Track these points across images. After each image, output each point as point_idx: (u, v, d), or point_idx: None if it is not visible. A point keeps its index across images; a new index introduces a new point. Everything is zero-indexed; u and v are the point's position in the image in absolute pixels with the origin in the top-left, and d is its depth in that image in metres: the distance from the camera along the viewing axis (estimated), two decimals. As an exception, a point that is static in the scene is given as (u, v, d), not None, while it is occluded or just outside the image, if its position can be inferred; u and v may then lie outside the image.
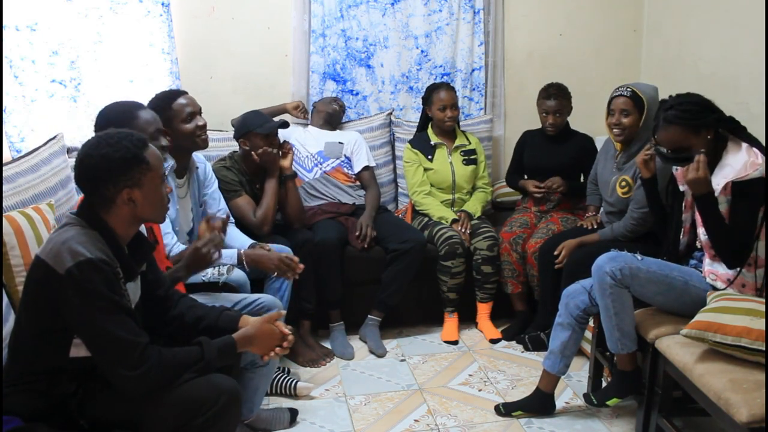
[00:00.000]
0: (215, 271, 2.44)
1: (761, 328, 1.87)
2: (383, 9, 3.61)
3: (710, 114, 2.14)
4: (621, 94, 2.72)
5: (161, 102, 2.42)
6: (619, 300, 2.21)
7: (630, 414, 2.50)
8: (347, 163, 3.37)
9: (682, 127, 2.13)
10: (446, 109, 3.29)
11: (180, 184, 2.50)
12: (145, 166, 1.62)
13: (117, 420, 1.62)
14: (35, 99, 2.95)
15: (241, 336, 1.75)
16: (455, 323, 3.24)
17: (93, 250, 1.54)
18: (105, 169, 1.58)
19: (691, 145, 2.13)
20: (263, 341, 1.79)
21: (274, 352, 1.81)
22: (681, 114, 2.13)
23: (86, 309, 1.52)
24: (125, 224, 1.66)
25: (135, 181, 1.61)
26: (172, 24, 3.26)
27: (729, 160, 2.11)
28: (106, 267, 1.54)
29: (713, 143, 2.15)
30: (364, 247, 3.08)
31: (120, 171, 1.59)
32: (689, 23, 3.46)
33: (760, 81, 2.79)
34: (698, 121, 2.12)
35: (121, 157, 1.59)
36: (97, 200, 1.62)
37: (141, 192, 1.63)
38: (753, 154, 2.06)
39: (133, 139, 1.63)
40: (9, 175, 2.18)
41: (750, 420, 1.72)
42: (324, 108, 3.42)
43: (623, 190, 2.80)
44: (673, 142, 2.16)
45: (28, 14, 2.89)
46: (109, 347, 1.54)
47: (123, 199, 1.61)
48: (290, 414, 2.46)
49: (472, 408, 2.59)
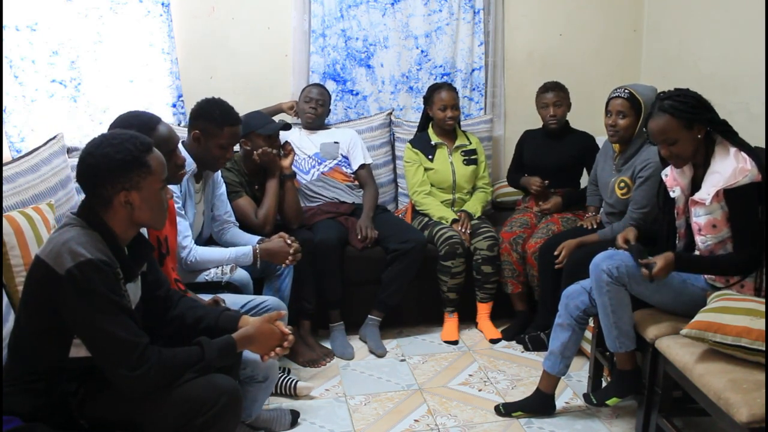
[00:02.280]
0: (218, 271, 2.45)
1: (761, 328, 1.87)
2: (383, 9, 3.61)
3: (706, 113, 2.13)
4: (618, 95, 2.71)
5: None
6: (616, 298, 2.21)
7: (630, 414, 2.50)
8: (345, 162, 3.36)
9: (676, 119, 2.10)
10: (447, 109, 3.29)
11: (197, 189, 2.53)
12: (145, 170, 1.61)
13: (117, 420, 1.62)
14: (35, 99, 2.95)
15: (240, 336, 1.75)
16: (455, 323, 3.23)
17: (93, 250, 1.54)
18: (104, 169, 1.58)
19: (679, 139, 2.11)
20: (263, 341, 1.79)
21: (274, 352, 1.80)
22: (677, 105, 2.11)
23: (86, 309, 1.52)
24: (123, 226, 1.65)
25: (133, 184, 1.60)
26: (172, 24, 3.26)
27: (717, 167, 2.09)
28: (106, 267, 1.54)
29: (702, 145, 2.14)
30: (366, 246, 3.08)
31: (119, 172, 1.58)
32: (689, 23, 3.46)
33: (760, 81, 2.79)
34: (693, 116, 2.10)
35: (121, 159, 1.58)
36: (96, 200, 1.62)
37: (139, 195, 1.62)
38: (742, 160, 2.04)
39: (137, 142, 1.62)
40: (9, 175, 2.18)
41: (750, 420, 1.72)
42: (302, 115, 3.36)
43: (622, 191, 2.80)
44: (664, 132, 2.13)
45: (28, 14, 2.89)
46: (109, 348, 1.53)
47: (120, 201, 1.61)
48: (292, 416, 2.46)
49: (472, 408, 2.59)
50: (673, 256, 2.12)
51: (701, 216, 2.13)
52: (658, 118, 2.14)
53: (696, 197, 2.12)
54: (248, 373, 2.14)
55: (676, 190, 2.25)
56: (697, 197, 2.11)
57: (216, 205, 2.68)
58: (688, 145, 2.12)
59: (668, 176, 2.29)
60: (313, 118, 3.32)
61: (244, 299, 2.32)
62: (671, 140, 2.12)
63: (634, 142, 2.74)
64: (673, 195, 2.26)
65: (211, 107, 2.50)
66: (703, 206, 2.10)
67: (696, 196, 2.12)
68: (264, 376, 2.18)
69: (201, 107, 2.52)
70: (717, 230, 2.11)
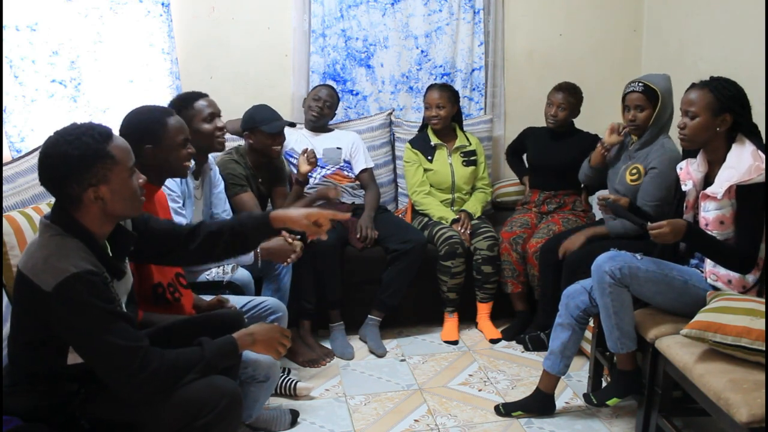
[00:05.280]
0: (219, 270, 2.45)
1: (761, 328, 1.87)
2: (383, 9, 3.61)
3: (740, 108, 2.12)
4: (633, 90, 2.69)
5: (182, 102, 2.43)
6: (618, 299, 2.21)
7: (630, 414, 2.50)
8: (347, 166, 3.36)
9: (711, 96, 2.10)
10: (431, 108, 3.31)
11: (197, 185, 2.52)
12: (109, 161, 1.52)
13: (118, 420, 1.61)
14: (35, 99, 2.95)
15: (241, 335, 1.73)
16: (455, 323, 3.24)
17: (76, 261, 1.48)
18: (65, 168, 1.49)
19: (700, 117, 2.11)
20: (265, 339, 1.76)
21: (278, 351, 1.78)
22: (720, 87, 2.11)
23: (80, 324, 1.48)
24: (98, 223, 1.57)
25: (100, 178, 1.51)
26: (172, 24, 3.26)
27: (732, 162, 2.10)
28: (92, 277, 1.48)
29: (722, 142, 2.14)
30: (366, 246, 3.08)
31: (81, 169, 1.50)
32: (689, 23, 3.46)
33: (760, 81, 2.79)
34: (727, 103, 2.10)
35: (80, 155, 1.49)
36: (65, 201, 1.54)
37: (108, 188, 1.53)
38: (759, 158, 2.05)
39: (95, 134, 1.52)
40: (9, 175, 2.18)
41: (750, 420, 1.72)
42: (307, 112, 3.36)
43: (633, 177, 2.75)
44: (692, 102, 2.13)
45: (28, 14, 2.88)
46: (110, 358, 1.50)
47: (89, 198, 1.52)
48: (291, 416, 2.46)
49: (472, 408, 2.59)
50: (685, 223, 2.11)
51: (710, 211, 2.13)
52: (697, 88, 2.15)
53: (708, 191, 2.13)
54: (249, 372, 2.13)
55: (688, 184, 2.25)
56: (710, 191, 2.12)
57: (214, 203, 2.67)
58: (704, 129, 2.12)
59: (683, 169, 2.29)
60: (318, 118, 3.32)
61: (244, 299, 2.32)
62: (693, 114, 2.13)
63: (651, 131, 2.71)
64: (685, 188, 2.27)
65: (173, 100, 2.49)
66: (714, 201, 2.11)
67: (708, 190, 2.13)
68: (265, 375, 2.17)
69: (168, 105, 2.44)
70: (724, 227, 2.11)
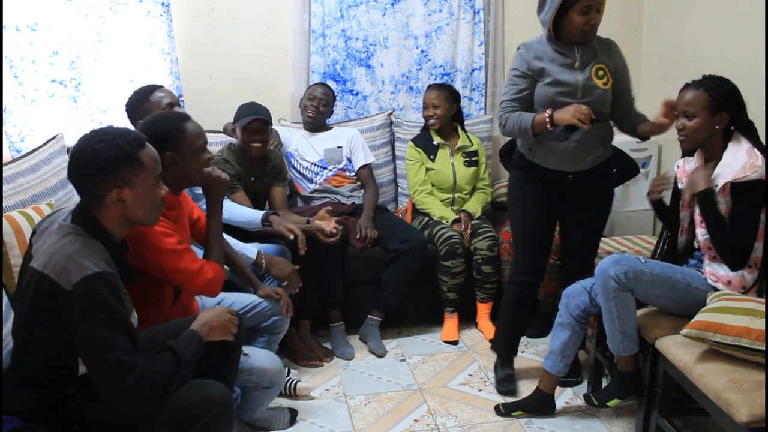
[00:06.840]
0: None
1: (761, 328, 1.87)
2: (383, 9, 3.61)
3: (736, 106, 2.13)
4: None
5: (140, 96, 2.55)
6: (622, 303, 2.19)
7: (630, 414, 2.50)
8: (349, 164, 3.36)
9: (707, 96, 2.11)
10: (428, 108, 3.33)
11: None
12: (138, 166, 1.58)
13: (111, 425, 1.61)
14: (35, 99, 2.95)
15: (199, 326, 1.74)
16: (455, 323, 3.23)
17: (99, 262, 1.50)
18: (95, 166, 1.54)
19: (698, 117, 2.10)
20: (219, 325, 1.77)
21: (231, 332, 1.80)
22: (714, 86, 2.11)
23: (89, 324, 1.47)
24: (116, 224, 1.61)
25: (126, 181, 1.57)
26: (172, 24, 3.26)
27: (727, 160, 2.10)
28: (111, 279, 1.51)
29: (719, 140, 2.14)
30: (366, 246, 3.08)
31: (110, 169, 1.54)
32: (689, 23, 3.46)
33: (760, 81, 2.79)
34: (723, 101, 2.10)
35: (113, 155, 1.54)
36: (88, 198, 1.59)
37: (132, 192, 1.58)
38: (754, 156, 2.05)
39: (129, 138, 1.58)
40: (9, 175, 2.18)
41: (750, 420, 1.72)
42: (303, 112, 3.35)
43: (602, 80, 2.42)
44: (689, 103, 2.13)
45: (28, 14, 2.89)
46: (108, 367, 1.49)
47: (112, 199, 1.57)
48: (290, 414, 2.47)
49: (472, 408, 2.59)
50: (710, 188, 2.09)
51: None
52: (691, 89, 2.15)
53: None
54: (254, 380, 2.17)
55: (684, 182, 2.25)
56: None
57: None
58: (703, 128, 2.12)
59: (680, 168, 2.30)
60: (314, 117, 3.31)
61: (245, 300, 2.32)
62: (691, 114, 2.13)
63: (590, 39, 2.43)
64: (681, 186, 2.27)
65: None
66: None
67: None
68: (270, 382, 2.20)
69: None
70: None
